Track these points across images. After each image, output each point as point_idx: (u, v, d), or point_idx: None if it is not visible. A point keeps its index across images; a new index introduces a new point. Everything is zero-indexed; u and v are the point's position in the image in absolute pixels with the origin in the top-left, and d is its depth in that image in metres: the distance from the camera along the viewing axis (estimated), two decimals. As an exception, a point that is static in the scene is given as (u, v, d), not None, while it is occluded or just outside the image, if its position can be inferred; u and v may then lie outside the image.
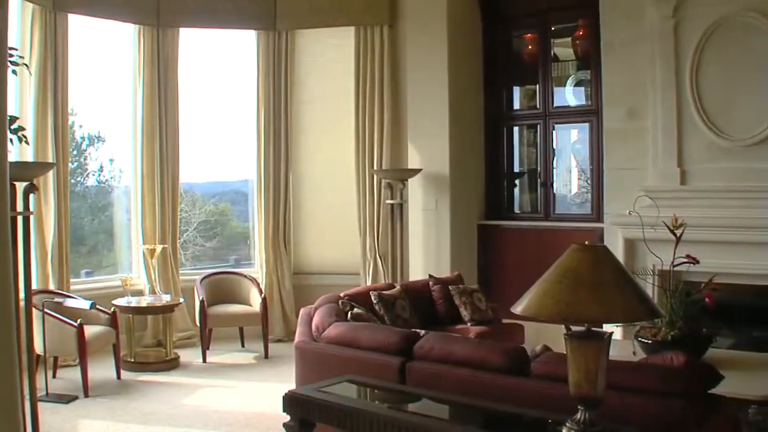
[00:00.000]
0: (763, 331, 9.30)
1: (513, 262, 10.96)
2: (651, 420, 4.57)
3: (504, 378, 5.28)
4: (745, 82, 9.01)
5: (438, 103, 11.02)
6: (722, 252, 8.75)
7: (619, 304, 3.83)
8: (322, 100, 12.06)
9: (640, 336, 6.97)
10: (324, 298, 7.61)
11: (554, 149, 11.24)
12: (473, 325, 9.01)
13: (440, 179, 11.05)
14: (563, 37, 11.36)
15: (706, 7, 9.17)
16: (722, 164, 9.12)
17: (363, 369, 6.02)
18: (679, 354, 5.09)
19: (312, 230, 12.17)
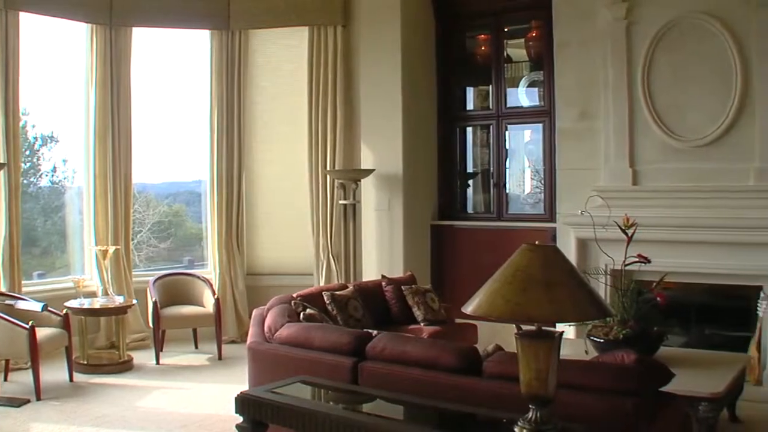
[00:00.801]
0: (714, 329, 9.41)
1: (466, 262, 11.00)
2: (602, 418, 4.60)
3: (456, 378, 5.29)
4: (696, 84, 9.11)
5: (391, 104, 11.05)
6: (674, 251, 8.85)
7: (570, 304, 3.85)
8: (276, 101, 12.02)
9: (592, 335, 7.03)
10: (276, 298, 7.61)
11: (507, 149, 11.31)
12: (426, 325, 9.02)
13: (393, 179, 11.07)
14: (516, 38, 11.42)
15: (658, 9, 9.26)
16: (674, 164, 9.21)
17: (315, 369, 6.01)
18: (630, 352, 5.13)
19: (265, 231, 12.13)
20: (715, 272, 9.01)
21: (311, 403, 5.36)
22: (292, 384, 5.64)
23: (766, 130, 8.75)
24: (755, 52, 8.82)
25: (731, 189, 8.90)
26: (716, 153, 9.01)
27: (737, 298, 9.25)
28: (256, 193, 12.07)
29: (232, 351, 10.53)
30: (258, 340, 6.89)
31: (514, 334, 4.06)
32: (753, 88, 8.84)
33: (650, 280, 7.36)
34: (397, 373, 5.60)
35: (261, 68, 12.04)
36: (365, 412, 5.36)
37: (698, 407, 6.21)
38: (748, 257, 8.77)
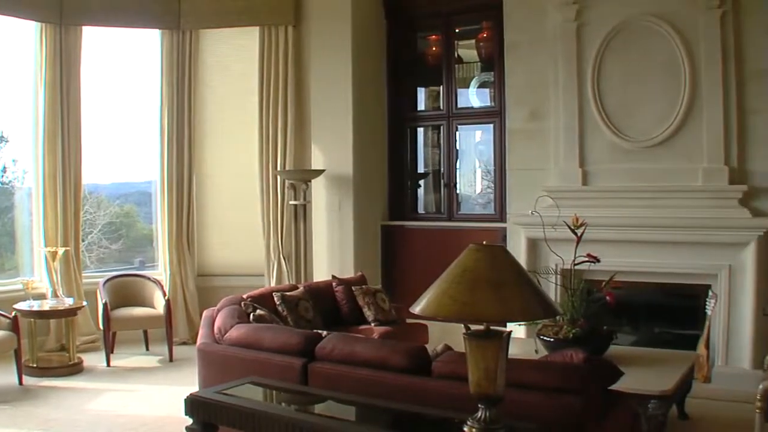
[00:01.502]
0: (664, 328, 9.51)
1: (417, 262, 11.00)
2: (552, 417, 4.62)
3: (406, 378, 5.30)
4: (645, 85, 9.21)
5: (342, 104, 11.04)
6: (623, 251, 8.94)
7: (517, 303, 3.86)
8: (226, 101, 11.95)
9: (542, 334, 7.06)
10: (227, 299, 7.58)
11: (458, 150, 11.34)
12: (377, 325, 9.03)
13: (344, 180, 11.06)
14: (467, 39, 11.45)
15: (608, 11, 9.35)
16: (623, 165, 9.29)
17: (265, 370, 6.00)
18: (578, 351, 5.17)
19: (216, 231, 12.06)
20: (664, 271, 9.13)
21: (261, 405, 5.34)
22: (241, 385, 5.60)
23: (714, 131, 8.86)
24: (703, 54, 8.93)
25: (680, 189, 9.01)
26: (665, 154, 9.11)
27: (686, 297, 9.36)
28: (206, 194, 12.01)
29: (184, 352, 10.46)
30: (208, 342, 6.87)
31: (462, 334, 4.07)
32: (701, 89, 8.94)
33: (600, 280, 7.41)
34: (346, 373, 5.60)
35: (211, 68, 11.96)
36: (315, 413, 5.34)
37: (647, 405, 6.26)
38: (697, 256, 8.89)
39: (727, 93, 8.85)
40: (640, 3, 9.20)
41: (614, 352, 7.15)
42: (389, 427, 5.07)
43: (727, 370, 8.67)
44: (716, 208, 8.83)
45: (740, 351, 8.70)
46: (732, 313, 8.76)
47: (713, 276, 8.88)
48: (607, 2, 9.39)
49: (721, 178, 8.83)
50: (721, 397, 8.10)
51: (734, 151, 8.85)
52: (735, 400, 7.77)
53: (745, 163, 8.86)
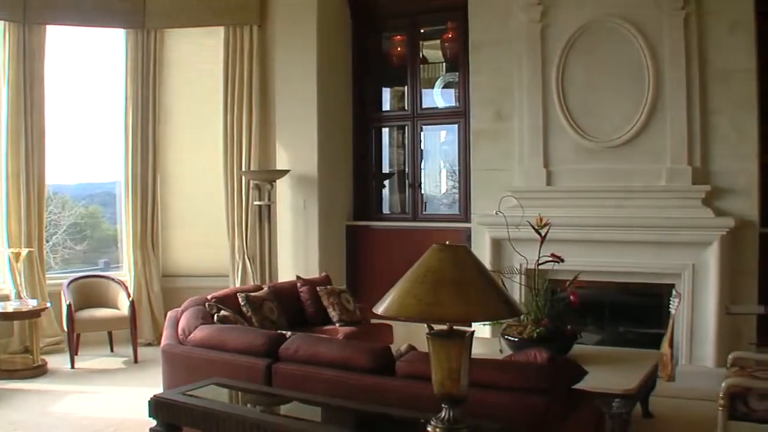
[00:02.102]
0: (628, 327, 9.56)
1: (381, 262, 11.02)
2: (515, 416, 4.63)
3: (370, 378, 5.29)
4: (609, 86, 9.27)
5: (307, 104, 11.03)
6: (587, 251, 8.99)
7: (480, 303, 3.85)
8: (191, 101, 11.89)
9: (506, 334, 7.07)
10: (191, 300, 7.55)
11: (422, 150, 11.34)
12: (342, 325, 9.03)
13: (308, 180, 11.05)
14: (432, 40, 11.48)
15: (573, 12, 9.40)
16: (587, 165, 9.35)
17: (229, 371, 5.98)
18: (542, 351, 5.18)
19: (181, 232, 12.00)
20: (628, 271, 9.19)
21: (224, 406, 5.31)
22: (205, 386, 5.58)
23: (677, 131, 8.94)
24: (667, 55, 9.00)
25: (644, 189, 9.07)
26: (629, 154, 9.18)
27: (650, 296, 9.42)
28: (171, 194, 11.95)
29: (148, 354, 10.40)
30: (172, 343, 6.83)
31: (425, 334, 4.07)
32: (665, 90, 9.02)
33: (564, 279, 7.45)
34: (310, 374, 5.59)
35: (176, 68, 11.89)
36: (279, 414, 5.33)
37: (611, 404, 6.30)
38: (661, 256, 8.96)
39: (690, 94, 8.92)
40: (605, 4, 9.26)
41: (578, 352, 7.17)
42: (353, 428, 5.07)
43: (691, 368, 8.75)
44: (680, 207, 8.90)
45: (704, 349, 8.78)
46: (695, 312, 8.83)
47: (677, 275, 8.95)
48: (571, 3, 9.43)
49: (685, 179, 8.90)
50: (684, 396, 8.18)
51: (697, 151, 8.92)
52: (698, 398, 7.83)
53: (708, 163, 8.93)
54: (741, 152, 8.83)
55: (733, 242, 8.76)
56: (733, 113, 8.85)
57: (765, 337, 8.77)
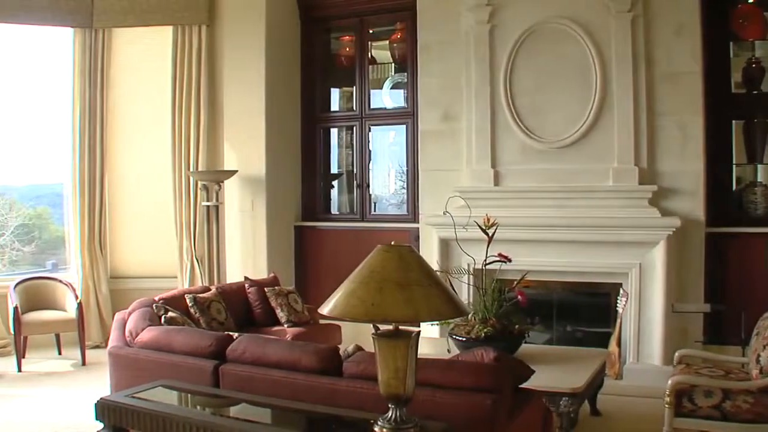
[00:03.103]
0: (576, 326, 9.60)
1: (330, 263, 11.01)
2: (462, 416, 4.63)
3: (317, 379, 5.27)
4: (557, 87, 9.35)
5: (255, 104, 10.99)
6: (535, 250, 9.05)
7: (425, 303, 3.86)
8: (139, 101, 11.80)
9: (454, 334, 7.09)
10: (138, 302, 7.48)
11: (370, 150, 11.33)
12: (290, 326, 9.03)
13: (256, 181, 11.02)
14: (381, 40, 11.48)
15: (521, 13, 9.46)
16: (535, 165, 9.41)
17: (177, 373, 5.93)
18: (489, 350, 5.18)
19: (129, 233, 11.90)
20: (576, 270, 9.27)
21: (172, 408, 5.26)
22: (153, 388, 5.54)
23: (624, 132, 9.03)
24: (614, 57, 9.11)
25: (591, 189, 9.14)
26: (576, 154, 9.24)
27: (598, 295, 9.50)
28: (119, 195, 11.83)
29: (97, 356, 10.28)
30: (119, 345, 6.77)
31: (371, 335, 4.07)
32: (612, 91, 9.12)
33: (512, 279, 7.45)
34: (257, 375, 5.56)
35: (125, 67, 11.78)
36: (226, 416, 5.30)
37: (559, 402, 6.34)
38: (608, 255, 9.03)
39: (637, 95, 9.03)
40: (553, 6, 9.32)
41: (526, 351, 7.20)
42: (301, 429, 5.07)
43: (638, 366, 8.82)
44: (627, 207, 8.97)
45: (651, 348, 8.84)
46: (642, 311, 8.90)
47: (624, 274, 9.02)
48: (519, 5, 9.48)
49: (632, 179, 8.98)
50: (632, 393, 8.24)
51: (644, 151, 9.02)
52: (646, 395, 7.88)
53: (654, 163, 9.03)
54: (687, 153, 8.94)
55: (679, 242, 8.85)
56: (679, 114, 8.96)
57: (711, 335, 8.89)
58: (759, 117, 9.46)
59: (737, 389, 5.95)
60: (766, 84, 9.41)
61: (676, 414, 6.03)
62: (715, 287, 9.07)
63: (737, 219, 9.28)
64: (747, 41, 9.59)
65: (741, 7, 9.37)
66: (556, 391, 6.35)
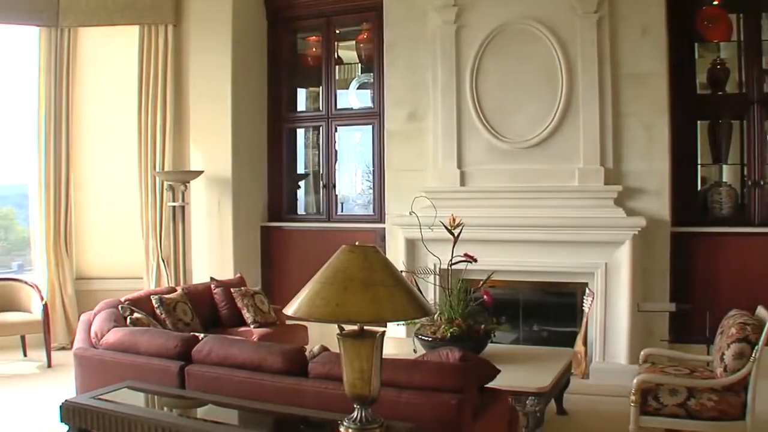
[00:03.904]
0: (543, 326, 9.65)
1: (296, 263, 10.99)
2: (428, 416, 4.64)
3: (283, 379, 5.26)
4: (523, 87, 9.39)
5: (221, 104, 10.95)
6: (501, 250, 9.07)
7: (389, 303, 3.86)
8: (106, 101, 11.71)
9: (420, 334, 7.10)
10: (104, 303, 7.43)
11: (337, 151, 11.31)
12: (256, 327, 9.02)
13: (223, 181, 10.98)
14: (348, 40, 11.48)
15: (487, 14, 9.49)
16: (501, 165, 9.44)
17: (143, 375, 5.89)
18: (454, 350, 5.19)
19: (95, 234, 11.80)
20: (542, 270, 9.31)
21: (137, 409, 5.23)
22: (118, 390, 5.50)
23: (590, 132, 9.08)
24: (580, 58, 9.15)
25: (557, 189, 9.19)
26: (542, 154, 9.28)
27: (564, 295, 9.55)
28: (85, 196, 11.74)
29: (63, 358, 10.20)
30: (84, 346, 6.72)
31: (336, 335, 4.06)
32: (577, 92, 9.16)
33: (478, 279, 7.50)
34: (223, 376, 5.53)
35: (91, 67, 11.68)
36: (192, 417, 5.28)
37: (525, 401, 6.37)
38: (574, 255, 9.07)
39: (602, 96, 9.08)
40: (519, 7, 9.35)
41: (493, 351, 7.22)
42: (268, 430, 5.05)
43: (604, 365, 8.86)
44: (592, 207, 9.02)
45: (617, 347, 8.89)
46: (608, 310, 8.95)
47: (590, 274, 9.07)
48: (486, 5, 9.50)
49: (597, 179, 9.03)
50: (598, 392, 8.27)
51: (609, 152, 9.07)
52: (612, 394, 7.91)
53: (620, 163, 9.09)
54: (652, 153, 9.01)
55: (644, 241, 8.91)
56: (644, 115, 9.02)
57: (676, 334, 8.94)
58: (724, 118, 9.56)
59: (702, 387, 5.99)
60: (730, 85, 9.50)
61: (641, 412, 6.07)
62: (681, 286, 9.14)
63: (702, 219, 9.36)
64: (712, 43, 9.70)
65: (706, 9, 9.45)
66: (522, 390, 6.39)
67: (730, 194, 9.38)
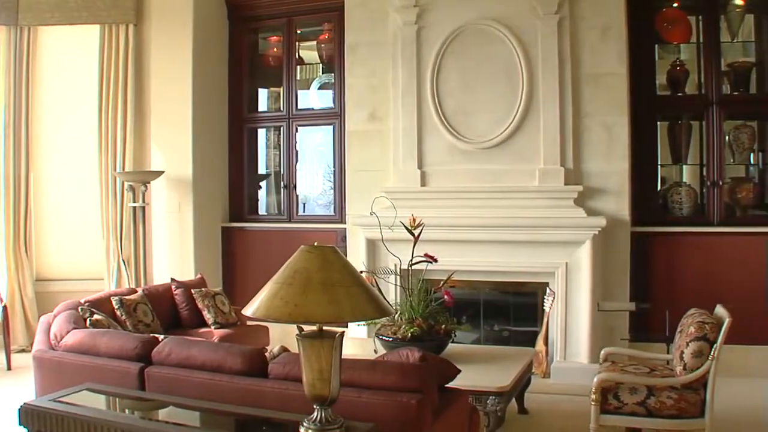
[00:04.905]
0: (503, 325, 9.68)
1: (258, 264, 10.98)
2: (388, 416, 4.63)
3: (242, 380, 5.23)
4: (483, 88, 9.43)
5: (182, 104, 10.90)
6: (462, 250, 9.10)
7: (348, 304, 3.86)
8: (66, 100, 11.62)
9: (381, 334, 7.10)
10: (64, 304, 7.38)
11: (297, 151, 11.30)
12: (217, 328, 8.98)
13: (183, 181, 10.93)
14: (309, 41, 11.48)
15: (448, 14, 9.49)
16: (461, 166, 9.46)
17: (102, 377, 5.84)
18: (414, 350, 5.19)
19: (55, 235, 11.70)
20: (503, 270, 9.33)
21: (97, 412, 5.18)
22: (77, 392, 5.45)
23: (550, 133, 9.13)
24: (540, 59, 9.21)
25: (517, 190, 9.22)
26: (502, 155, 9.33)
27: (525, 295, 9.59)
28: (45, 196, 11.63)
29: (23, 360, 10.10)
30: (43, 348, 6.65)
31: (295, 335, 4.06)
32: (538, 92, 9.22)
33: (439, 279, 7.51)
34: (183, 377, 5.50)
35: (51, 66, 11.59)
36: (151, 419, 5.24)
37: (486, 401, 6.39)
38: (535, 255, 9.12)
39: (563, 96, 9.15)
40: (480, 7, 9.38)
41: (453, 350, 7.24)
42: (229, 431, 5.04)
43: (565, 365, 8.91)
44: (553, 208, 9.06)
45: (577, 346, 8.94)
46: (569, 310, 9.00)
47: (550, 274, 9.12)
48: (447, 6, 9.52)
49: (557, 179, 9.08)
50: (559, 392, 8.34)
51: (570, 152, 9.13)
52: (573, 393, 7.99)
53: (580, 164, 9.15)
54: (612, 153, 9.07)
55: (605, 241, 8.97)
56: (604, 116, 9.09)
57: (637, 333, 9.00)
58: (683, 118, 9.65)
59: (662, 386, 6.03)
60: (690, 86, 9.61)
61: (602, 411, 6.10)
62: (641, 286, 9.24)
63: (662, 218, 9.47)
64: (672, 44, 9.81)
65: (666, 11, 9.57)
66: (482, 390, 6.43)
67: (690, 194, 9.47)
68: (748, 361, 8.76)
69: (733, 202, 9.45)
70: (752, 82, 9.54)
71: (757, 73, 9.51)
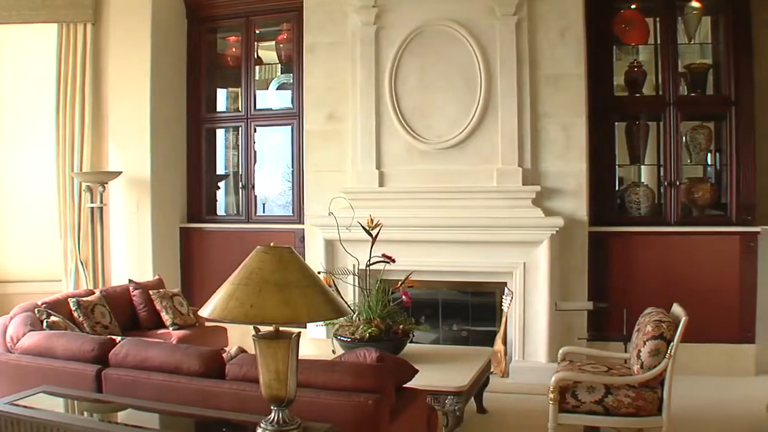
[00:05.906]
0: (462, 325, 9.71)
1: (216, 264, 10.94)
2: (346, 416, 4.64)
3: (200, 382, 5.21)
4: (442, 88, 9.46)
5: (140, 105, 10.81)
6: (421, 251, 9.13)
7: (304, 305, 3.85)
8: (24, 100, 11.53)
9: (338, 335, 7.11)
10: (20, 307, 7.32)
11: (256, 151, 11.27)
12: (175, 329, 8.94)
13: (141, 182, 10.85)
14: (267, 41, 11.45)
15: (407, 15, 9.53)
16: (420, 166, 9.48)
17: (59, 379, 5.79)
18: (371, 351, 5.20)
19: (11, 236, 11.60)
20: (461, 270, 9.37)
21: (52, 415, 5.14)
22: (34, 395, 5.40)
23: (508, 133, 9.18)
24: (499, 59, 9.27)
25: (475, 190, 9.26)
26: (461, 155, 9.36)
27: (483, 295, 9.62)
28: (1, 196, 11.55)
29: (-23, 363, 10.06)
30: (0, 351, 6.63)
31: (251, 336, 4.05)
32: (496, 93, 9.27)
33: (398, 280, 7.52)
34: (140, 379, 5.47)
35: (8, 65, 11.50)
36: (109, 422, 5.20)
37: (445, 401, 6.42)
38: (493, 255, 9.16)
39: (521, 97, 9.21)
40: (439, 8, 9.41)
41: (412, 351, 7.27)
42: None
43: (524, 364, 8.96)
44: (511, 208, 9.10)
45: (535, 345, 9.00)
46: (527, 309, 9.05)
47: (508, 274, 9.16)
48: (406, 6, 9.55)
49: (515, 179, 9.12)
50: (518, 391, 8.40)
51: (528, 152, 9.19)
52: (531, 392, 8.04)
53: (538, 164, 9.21)
54: (570, 154, 9.14)
55: (562, 241, 9.03)
56: (562, 116, 9.16)
57: (594, 332, 9.06)
58: (641, 119, 9.71)
59: (619, 384, 6.07)
60: (647, 87, 9.69)
61: (560, 410, 6.13)
62: (598, 285, 9.30)
63: (619, 218, 9.54)
64: (629, 45, 9.89)
65: (623, 13, 9.64)
66: (441, 390, 6.47)
67: (647, 194, 9.54)
68: (704, 360, 8.86)
69: (690, 202, 9.53)
70: (709, 84, 9.62)
71: (714, 74, 9.60)
